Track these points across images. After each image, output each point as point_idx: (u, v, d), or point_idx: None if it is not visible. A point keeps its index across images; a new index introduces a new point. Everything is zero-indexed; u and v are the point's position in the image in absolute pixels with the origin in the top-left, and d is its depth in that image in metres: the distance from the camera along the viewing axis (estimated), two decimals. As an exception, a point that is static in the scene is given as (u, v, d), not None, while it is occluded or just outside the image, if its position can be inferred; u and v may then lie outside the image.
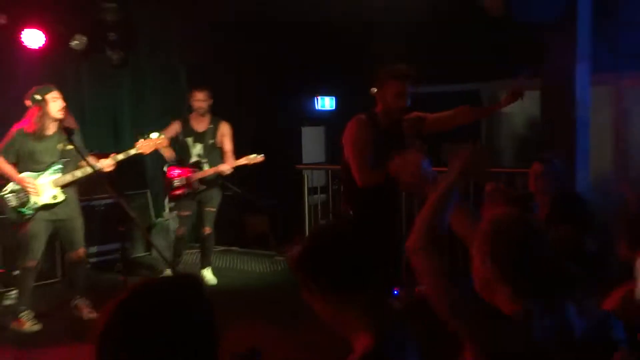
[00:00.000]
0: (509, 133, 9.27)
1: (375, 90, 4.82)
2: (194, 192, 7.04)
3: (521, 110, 9.02)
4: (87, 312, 5.93)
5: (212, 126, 7.03)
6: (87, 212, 6.53)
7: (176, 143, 7.01)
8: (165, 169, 7.11)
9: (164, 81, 9.20)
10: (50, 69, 7.31)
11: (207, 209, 7.12)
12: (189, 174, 6.98)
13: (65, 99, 5.84)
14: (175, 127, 6.98)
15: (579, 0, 5.40)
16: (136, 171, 8.10)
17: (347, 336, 1.97)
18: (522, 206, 2.55)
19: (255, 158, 7.06)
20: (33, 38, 7.24)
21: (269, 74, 8.71)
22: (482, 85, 9.03)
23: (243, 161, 7.02)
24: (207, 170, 7.00)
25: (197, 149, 6.97)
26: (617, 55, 6.32)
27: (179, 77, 9.30)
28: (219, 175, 7.12)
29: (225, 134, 7.08)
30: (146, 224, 8.12)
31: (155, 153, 6.60)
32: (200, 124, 7.03)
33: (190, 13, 8.53)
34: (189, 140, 7.00)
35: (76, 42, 7.58)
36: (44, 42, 7.32)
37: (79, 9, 7.56)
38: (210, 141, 7.02)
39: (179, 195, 7.07)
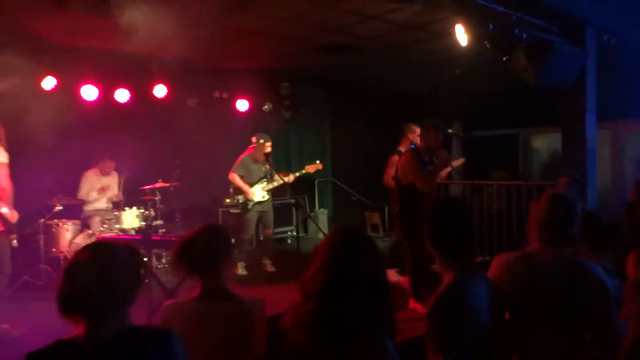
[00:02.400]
0: (538, 161, 8.92)
1: (420, 133, 4.76)
2: None
3: (547, 146, 8.69)
4: (269, 267, 6.15)
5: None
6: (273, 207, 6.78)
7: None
8: None
9: (315, 129, 9.32)
10: (251, 123, 7.60)
11: None
12: None
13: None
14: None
15: (587, 71, 5.22)
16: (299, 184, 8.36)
17: (442, 274, 1.94)
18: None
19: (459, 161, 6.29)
20: (242, 105, 7.65)
21: (377, 122, 8.84)
22: (520, 130, 8.77)
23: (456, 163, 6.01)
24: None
25: None
26: (614, 108, 6.02)
27: (325, 127, 9.51)
28: None
29: None
30: (305, 215, 8.34)
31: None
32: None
33: (333, 88, 8.82)
34: None
35: (266, 106, 7.86)
36: (248, 107, 7.73)
37: (268, 86, 7.82)
38: None
39: None
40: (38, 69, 5.72)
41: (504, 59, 4.60)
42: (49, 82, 5.90)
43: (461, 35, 4.37)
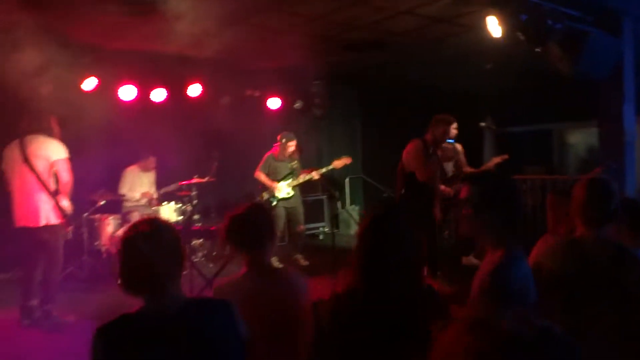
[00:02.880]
0: (574, 157, 8.74)
1: (430, 125, 4.96)
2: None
3: (583, 141, 8.51)
4: (303, 261, 6.26)
5: (452, 147, 6.00)
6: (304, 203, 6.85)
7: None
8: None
9: (346, 127, 9.34)
10: (283, 121, 7.68)
11: None
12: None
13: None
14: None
15: (625, 61, 5.10)
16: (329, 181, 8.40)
17: (489, 249, 1.90)
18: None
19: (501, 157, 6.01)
20: (274, 103, 7.75)
21: (407, 119, 8.77)
22: (554, 125, 8.60)
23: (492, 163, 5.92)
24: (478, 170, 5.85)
25: (449, 167, 5.97)
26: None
27: (355, 124, 9.55)
28: None
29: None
30: (335, 211, 8.39)
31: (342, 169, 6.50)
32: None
33: (364, 86, 8.84)
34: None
35: (297, 104, 7.88)
36: (280, 105, 7.83)
37: (299, 84, 7.87)
38: (455, 159, 6.08)
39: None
40: (79, 71, 5.97)
41: (538, 50, 4.55)
42: (89, 83, 6.13)
43: (493, 26, 4.35)
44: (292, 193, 6.18)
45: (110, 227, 5.68)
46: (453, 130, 5.81)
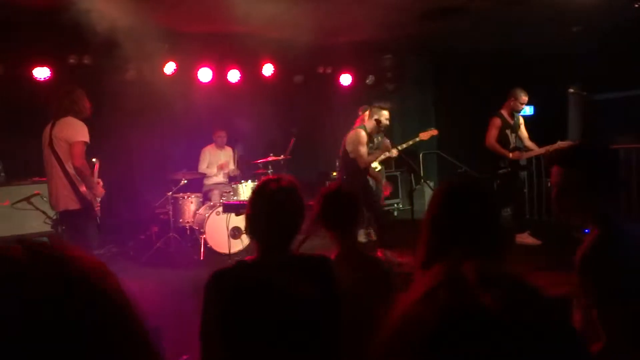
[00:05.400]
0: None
1: (371, 114, 5.37)
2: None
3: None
4: (374, 236, 6.07)
5: (516, 119, 5.94)
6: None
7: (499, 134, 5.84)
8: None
9: (419, 100, 9.07)
10: (353, 96, 7.61)
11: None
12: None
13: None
14: (497, 122, 5.84)
15: None
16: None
17: (591, 225, 1.71)
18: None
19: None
20: (345, 79, 7.72)
21: (485, 90, 8.36)
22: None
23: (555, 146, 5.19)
24: (538, 150, 5.73)
25: (512, 138, 5.86)
26: None
27: (428, 97, 9.26)
28: None
29: (522, 124, 5.99)
30: (414, 185, 8.17)
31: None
32: (511, 118, 5.88)
33: (437, 57, 8.51)
34: (508, 131, 5.84)
35: (369, 79, 7.92)
36: (350, 82, 7.78)
37: (371, 59, 7.80)
38: (518, 131, 5.94)
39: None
40: (160, 56, 6.20)
41: (636, 5, 4.12)
42: (169, 67, 6.37)
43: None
44: (379, 167, 6.11)
45: (193, 205, 5.92)
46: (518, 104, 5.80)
